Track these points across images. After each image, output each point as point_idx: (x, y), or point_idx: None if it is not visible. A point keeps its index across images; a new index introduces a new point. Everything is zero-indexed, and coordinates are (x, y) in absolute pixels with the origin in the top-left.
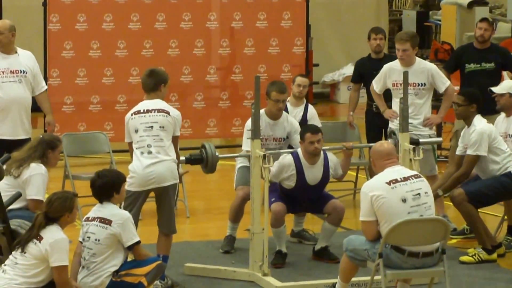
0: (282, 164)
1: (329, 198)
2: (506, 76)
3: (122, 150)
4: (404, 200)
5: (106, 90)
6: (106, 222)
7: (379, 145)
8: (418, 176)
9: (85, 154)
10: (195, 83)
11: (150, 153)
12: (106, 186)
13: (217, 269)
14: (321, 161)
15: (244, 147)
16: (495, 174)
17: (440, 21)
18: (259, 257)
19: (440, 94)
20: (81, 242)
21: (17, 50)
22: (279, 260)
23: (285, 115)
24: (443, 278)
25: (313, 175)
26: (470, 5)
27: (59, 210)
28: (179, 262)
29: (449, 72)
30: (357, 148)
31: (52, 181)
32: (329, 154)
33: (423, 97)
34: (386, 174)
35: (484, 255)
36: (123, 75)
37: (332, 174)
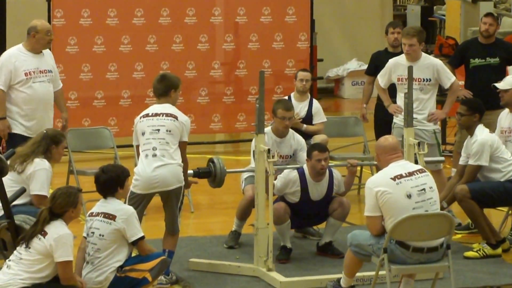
0: (287, 179)
1: (333, 197)
2: (510, 71)
3: (126, 145)
4: (409, 196)
5: (110, 85)
6: (110, 217)
7: (384, 139)
8: (423, 170)
9: (89, 149)
10: (199, 78)
11: (155, 156)
12: (111, 181)
13: (221, 264)
14: (326, 178)
15: (251, 165)
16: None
17: (444, 16)
18: (264, 252)
19: (445, 89)
20: (85, 238)
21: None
22: (284, 255)
23: (291, 133)
24: (448, 273)
25: (317, 192)
26: None
27: (64, 205)
28: (184, 257)
29: (453, 67)
30: (361, 165)
31: (56, 176)
32: (334, 171)
33: (428, 92)
34: (391, 169)
35: (488, 250)
36: (127, 70)
37: (335, 190)
